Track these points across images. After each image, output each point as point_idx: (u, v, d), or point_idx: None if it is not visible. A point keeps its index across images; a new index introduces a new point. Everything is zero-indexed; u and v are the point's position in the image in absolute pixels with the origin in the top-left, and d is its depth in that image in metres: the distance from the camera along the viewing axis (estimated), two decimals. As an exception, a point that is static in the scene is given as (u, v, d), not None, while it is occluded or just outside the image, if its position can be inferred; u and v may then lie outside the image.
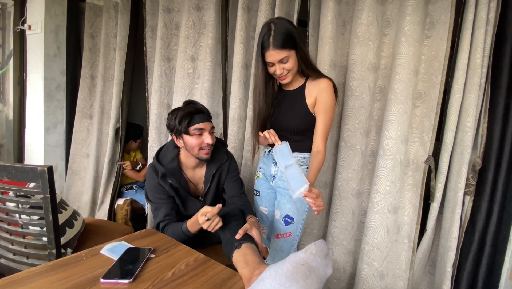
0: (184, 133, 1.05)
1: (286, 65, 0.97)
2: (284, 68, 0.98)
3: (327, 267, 0.63)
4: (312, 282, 0.59)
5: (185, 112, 1.05)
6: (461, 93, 1.09)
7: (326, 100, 1.01)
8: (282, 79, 1.02)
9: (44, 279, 0.69)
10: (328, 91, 1.01)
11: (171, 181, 1.08)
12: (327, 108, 1.02)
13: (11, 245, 1.05)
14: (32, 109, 2.12)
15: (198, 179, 1.18)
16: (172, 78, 1.77)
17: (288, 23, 0.97)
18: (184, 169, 1.14)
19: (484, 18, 1.03)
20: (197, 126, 1.04)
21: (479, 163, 1.11)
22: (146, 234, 0.97)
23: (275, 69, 0.99)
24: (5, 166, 0.96)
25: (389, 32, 1.22)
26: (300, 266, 0.60)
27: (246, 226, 0.93)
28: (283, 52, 0.94)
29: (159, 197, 1.09)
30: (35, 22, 2.03)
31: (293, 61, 0.97)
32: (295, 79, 1.07)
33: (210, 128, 1.07)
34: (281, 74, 0.99)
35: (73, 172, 2.16)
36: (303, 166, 1.08)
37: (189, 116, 1.04)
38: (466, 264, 1.15)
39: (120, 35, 1.90)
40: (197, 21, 1.64)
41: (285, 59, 0.95)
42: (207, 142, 1.05)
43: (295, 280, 0.59)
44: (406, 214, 1.22)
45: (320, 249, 0.63)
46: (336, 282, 1.41)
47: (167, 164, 1.11)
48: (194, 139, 1.04)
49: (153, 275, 0.73)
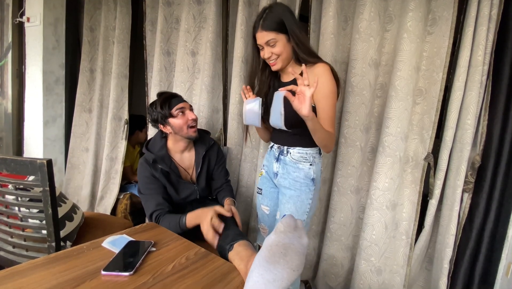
0: (169, 117, 1.16)
1: (274, 49, 0.95)
2: (272, 53, 0.96)
3: (301, 238, 0.64)
4: (291, 258, 0.60)
5: (162, 98, 1.18)
6: (462, 90, 1.09)
7: (323, 85, 0.93)
8: (272, 65, 1.00)
9: (46, 271, 0.69)
10: (326, 75, 0.94)
11: (161, 166, 1.15)
12: (326, 93, 0.94)
13: (10, 237, 1.06)
14: (31, 103, 2.11)
15: (188, 163, 1.26)
16: (172, 73, 1.76)
17: (284, 8, 0.97)
18: (173, 155, 1.23)
19: (487, 15, 1.02)
20: (177, 106, 1.16)
21: (478, 161, 1.11)
22: (147, 227, 0.97)
23: (264, 53, 0.98)
24: (4, 159, 0.96)
25: (391, 28, 1.22)
26: (275, 247, 0.61)
27: (227, 208, 1.03)
28: (270, 34, 0.94)
29: (150, 187, 1.14)
30: (34, 14, 2.01)
31: (281, 46, 0.95)
32: (292, 69, 0.98)
33: (189, 106, 1.20)
34: (269, 58, 0.98)
35: (72, 166, 2.16)
36: (305, 163, 1.04)
37: (167, 101, 1.16)
38: (463, 261, 1.16)
39: (119, 28, 1.88)
40: (197, 15, 1.63)
41: (272, 42, 0.94)
42: (192, 118, 1.17)
43: (275, 262, 0.60)
44: (404, 210, 1.23)
45: (287, 224, 0.64)
46: (334, 277, 1.43)
47: (156, 152, 1.19)
48: (179, 119, 1.16)
49: (153, 268, 0.73)
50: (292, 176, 1.04)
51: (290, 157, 1.06)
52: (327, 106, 0.95)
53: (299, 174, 1.04)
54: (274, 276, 0.59)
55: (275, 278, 0.59)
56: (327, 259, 1.42)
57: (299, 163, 1.04)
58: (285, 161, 1.07)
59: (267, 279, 0.59)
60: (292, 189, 1.04)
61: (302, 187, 1.03)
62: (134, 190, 1.98)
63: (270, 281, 0.59)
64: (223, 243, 0.92)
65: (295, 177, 1.04)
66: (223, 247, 0.91)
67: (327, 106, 0.95)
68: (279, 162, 1.08)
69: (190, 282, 0.70)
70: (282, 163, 1.07)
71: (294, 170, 1.04)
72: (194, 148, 1.27)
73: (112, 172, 1.98)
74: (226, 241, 0.91)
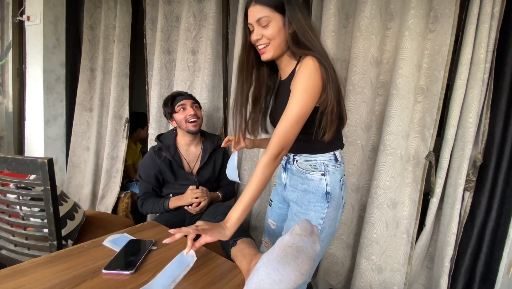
0: (173, 113, 1.30)
1: (265, 31, 0.78)
2: (262, 35, 0.79)
3: (315, 244, 0.64)
4: (303, 261, 0.60)
5: (168, 96, 1.34)
6: (463, 88, 1.08)
7: (298, 78, 0.76)
8: (262, 52, 0.82)
9: (47, 270, 0.70)
10: (307, 67, 0.75)
11: (165, 154, 1.29)
12: (297, 87, 0.75)
13: (12, 236, 1.06)
14: (32, 102, 2.11)
15: (192, 157, 1.37)
16: (173, 71, 1.76)
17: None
18: (180, 147, 1.35)
19: (489, 12, 1.01)
20: (179, 103, 1.29)
21: (480, 159, 1.11)
22: (148, 226, 0.97)
23: (253, 36, 0.81)
24: (5, 158, 0.96)
25: (393, 26, 1.21)
26: (288, 248, 0.61)
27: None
28: (263, 10, 0.77)
29: (145, 174, 1.31)
30: (34, 13, 2.00)
31: (274, 28, 0.78)
32: (287, 64, 0.85)
33: (191, 103, 1.31)
34: (257, 41, 0.80)
35: (73, 164, 2.16)
36: (315, 172, 0.86)
37: (171, 98, 1.32)
38: (464, 259, 1.16)
39: (119, 26, 1.87)
40: (197, 13, 1.62)
41: (265, 20, 0.77)
42: (190, 114, 1.27)
43: (286, 263, 0.60)
44: (405, 209, 1.23)
45: (304, 228, 0.64)
46: (334, 275, 1.43)
47: (166, 142, 1.34)
48: (180, 114, 1.29)
49: (154, 267, 0.73)
50: (300, 188, 0.88)
51: (296, 166, 0.89)
52: (291, 104, 0.76)
53: (308, 186, 0.86)
54: (281, 277, 0.59)
55: (282, 279, 0.59)
56: (328, 257, 1.42)
57: (307, 172, 0.87)
58: (292, 170, 0.91)
59: (273, 279, 0.59)
60: (299, 204, 0.88)
61: (312, 203, 0.85)
62: (135, 188, 1.98)
63: (276, 282, 0.59)
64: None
65: (304, 190, 0.87)
66: (227, 241, 0.90)
67: (291, 104, 0.76)
68: (286, 172, 0.94)
69: (191, 281, 0.70)
70: (289, 173, 0.93)
71: (302, 182, 0.88)
72: (202, 144, 1.38)
73: (113, 170, 1.98)
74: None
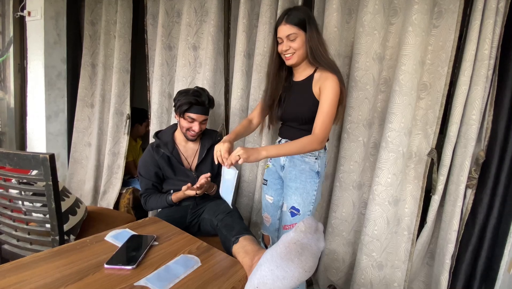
0: (180, 115, 1.28)
1: (293, 44, 1.02)
2: (290, 46, 1.02)
3: (319, 242, 0.64)
4: (306, 259, 0.60)
5: (186, 100, 1.24)
6: (467, 85, 1.07)
7: (328, 88, 0.99)
8: (288, 59, 1.05)
9: (50, 264, 0.70)
10: (333, 82, 0.99)
11: (163, 150, 1.29)
12: (328, 95, 0.99)
13: (14, 231, 1.07)
14: (33, 98, 2.11)
15: (191, 152, 1.36)
16: (174, 67, 1.75)
17: (308, 10, 1.05)
18: (178, 143, 1.35)
19: (494, 8, 1.00)
20: (190, 116, 1.25)
21: (483, 156, 1.10)
22: (149, 222, 0.98)
23: (282, 46, 1.04)
24: (7, 153, 0.97)
25: (396, 21, 1.20)
26: (293, 245, 0.62)
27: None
28: (292, 28, 1.00)
29: (145, 171, 1.30)
30: (35, 8, 1.99)
31: (300, 42, 1.01)
32: (304, 69, 1.08)
33: (201, 120, 1.27)
34: (286, 51, 1.04)
35: (75, 160, 2.17)
36: (311, 157, 1.08)
37: (188, 105, 1.24)
38: (465, 257, 1.16)
39: (120, 22, 1.86)
40: (199, 8, 1.61)
41: (293, 36, 1.01)
42: (194, 130, 1.27)
43: (290, 259, 0.60)
44: (406, 206, 1.22)
45: (309, 225, 0.65)
46: (335, 271, 1.43)
47: (163, 139, 1.33)
48: (185, 123, 1.27)
49: (156, 262, 0.74)
50: (299, 168, 1.09)
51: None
52: (325, 105, 0.99)
53: (305, 166, 1.08)
54: (284, 274, 0.59)
55: (285, 276, 0.59)
56: (329, 253, 1.43)
57: (305, 156, 1.09)
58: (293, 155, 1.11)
59: (276, 275, 0.59)
60: (298, 181, 1.08)
61: (308, 179, 1.07)
62: (137, 184, 1.99)
63: (280, 278, 0.59)
64: (228, 235, 0.93)
65: (301, 170, 1.08)
66: (228, 238, 0.91)
67: (325, 105, 0.99)
68: (286, 156, 1.12)
69: (192, 276, 0.70)
70: (289, 156, 1.12)
71: (301, 163, 1.09)
72: (200, 140, 1.37)
73: (115, 166, 1.99)
74: (232, 233, 0.92)
